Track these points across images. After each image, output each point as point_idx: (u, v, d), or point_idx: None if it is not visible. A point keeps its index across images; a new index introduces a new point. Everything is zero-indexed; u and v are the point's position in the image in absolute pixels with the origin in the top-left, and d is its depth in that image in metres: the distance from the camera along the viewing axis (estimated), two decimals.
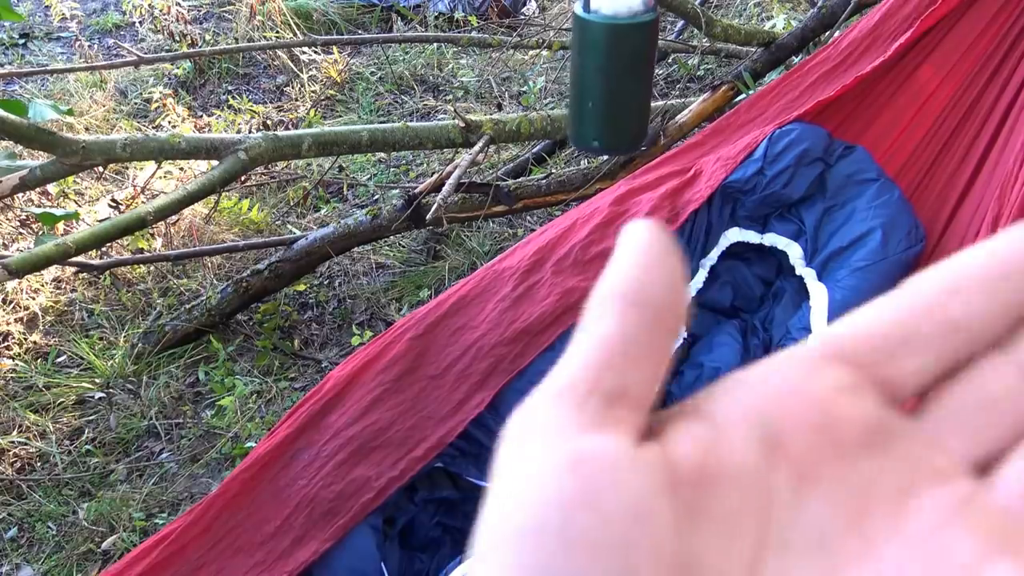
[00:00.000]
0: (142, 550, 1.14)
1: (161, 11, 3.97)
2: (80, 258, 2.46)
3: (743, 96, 2.50)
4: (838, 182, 1.53)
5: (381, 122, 3.63)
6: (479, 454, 1.37)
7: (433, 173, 3.10)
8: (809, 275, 1.51)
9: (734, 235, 1.61)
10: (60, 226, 2.83)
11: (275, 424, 1.30)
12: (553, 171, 2.65)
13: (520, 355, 1.37)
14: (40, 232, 2.73)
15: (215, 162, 2.32)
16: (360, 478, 1.23)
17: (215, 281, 2.79)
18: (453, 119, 2.58)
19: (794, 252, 1.55)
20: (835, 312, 1.41)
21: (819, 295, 1.45)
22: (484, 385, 1.35)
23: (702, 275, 1.59)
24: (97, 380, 2.46)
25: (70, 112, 2.00)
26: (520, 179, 2.64)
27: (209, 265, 2.87)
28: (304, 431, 1.27)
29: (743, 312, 1.64)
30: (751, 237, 1.61)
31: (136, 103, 3.94)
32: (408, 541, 1.37)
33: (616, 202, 1.56)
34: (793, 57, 2.69)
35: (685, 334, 1.55)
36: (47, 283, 2.82)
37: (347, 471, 1.23)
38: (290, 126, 3.67)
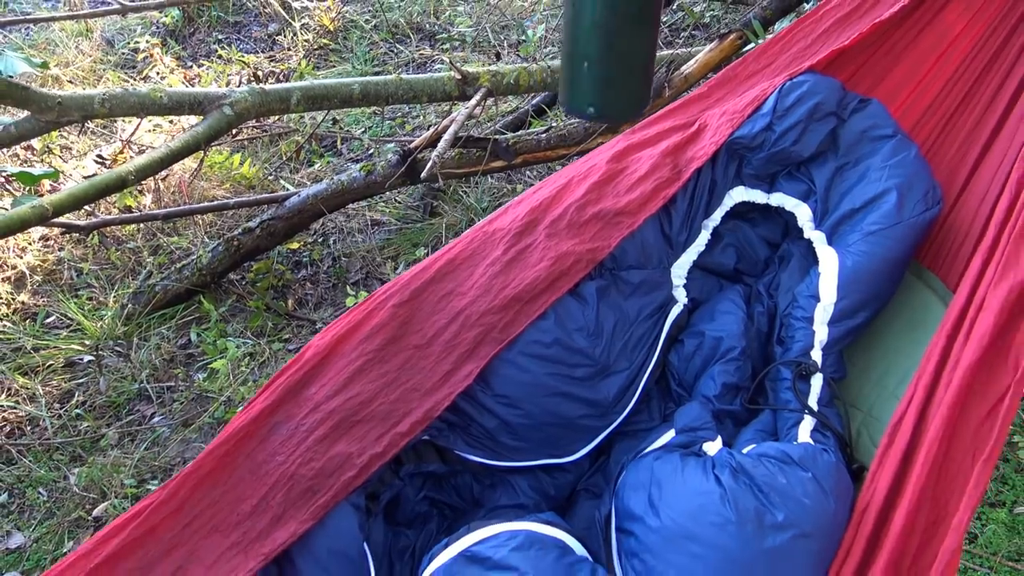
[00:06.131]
0: (112, 528, 1.09)
1: None
2: (66, 217, 2.38)
3: (752, 45, 2.38)
4: (851, 138, 1.43)
5: (376, 72, 3.51)
6: (468, 427, 1.31)
7: (430, 126, 2.99)
8: (818, 238, 1.42)
9: (739, 194, 1.51)
10: (47, 184, 2.76)
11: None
12: (553, 124, 2.55)
13: (511, 323, 1.30)
14: (22, 192, 2.66)
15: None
16: (341, 454, 1.17)
17: (206, 239, 2.71)
18: (449, 71, 2.47)
19: (803, 213, 1.46)
20: (845, 279, 1.32)
21: (829, 260, 1.35)
22: (473, 355, 1.28)
23: (704, 237, 1.50)
24: (87, 342, 2.41)
25: (44, 65, 1.91)
26: (519, 132, 2.53)
27: (200, 223, 2.79)
28: (282, 404, 1.20)
29: (747, 276, 1.55)
30: (757, 197, 1.51)
31: (123, 53, 3.82)
32: (393, 516, 1.31)
33: (614, 159, 1.47)
34: (805, 3, 2.56)
35: (686, 299, 1.47)
36: (35, 241, 2.75)
37: (328, 447, 1.17)
38: (282, 77, 3.55)
